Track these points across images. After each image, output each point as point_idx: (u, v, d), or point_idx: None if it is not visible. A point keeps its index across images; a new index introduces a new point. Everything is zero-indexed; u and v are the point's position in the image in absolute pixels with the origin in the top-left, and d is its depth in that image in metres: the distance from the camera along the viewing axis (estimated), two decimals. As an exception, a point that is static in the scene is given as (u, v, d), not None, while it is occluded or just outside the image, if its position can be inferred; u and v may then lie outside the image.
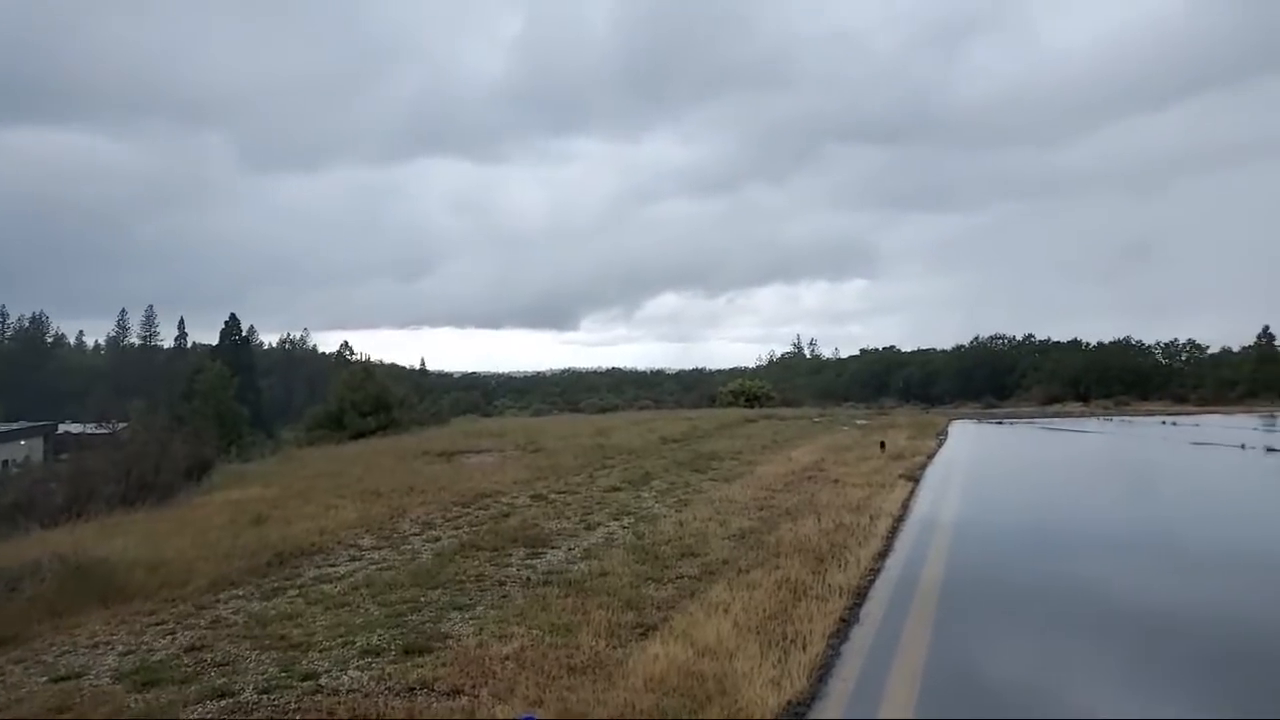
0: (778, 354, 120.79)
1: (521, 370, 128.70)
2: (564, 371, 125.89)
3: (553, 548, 7.84)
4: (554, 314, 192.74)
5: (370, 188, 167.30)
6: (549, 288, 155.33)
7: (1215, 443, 20.77)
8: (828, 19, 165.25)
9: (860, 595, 6.09)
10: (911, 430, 24.21)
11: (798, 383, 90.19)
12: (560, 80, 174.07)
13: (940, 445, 19.97)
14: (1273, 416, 36.21)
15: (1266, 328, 65.58)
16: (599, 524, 9.03)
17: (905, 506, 10.18)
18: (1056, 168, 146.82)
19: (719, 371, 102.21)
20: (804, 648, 4.81)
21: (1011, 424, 31.98)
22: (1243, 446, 19.61)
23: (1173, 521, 10.40)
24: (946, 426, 27.45)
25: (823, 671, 4.56)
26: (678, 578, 6.56)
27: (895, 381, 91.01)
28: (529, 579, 6.61)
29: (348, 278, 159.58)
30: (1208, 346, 76.38)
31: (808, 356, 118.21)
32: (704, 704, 4.02)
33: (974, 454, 19.12)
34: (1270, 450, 19.17)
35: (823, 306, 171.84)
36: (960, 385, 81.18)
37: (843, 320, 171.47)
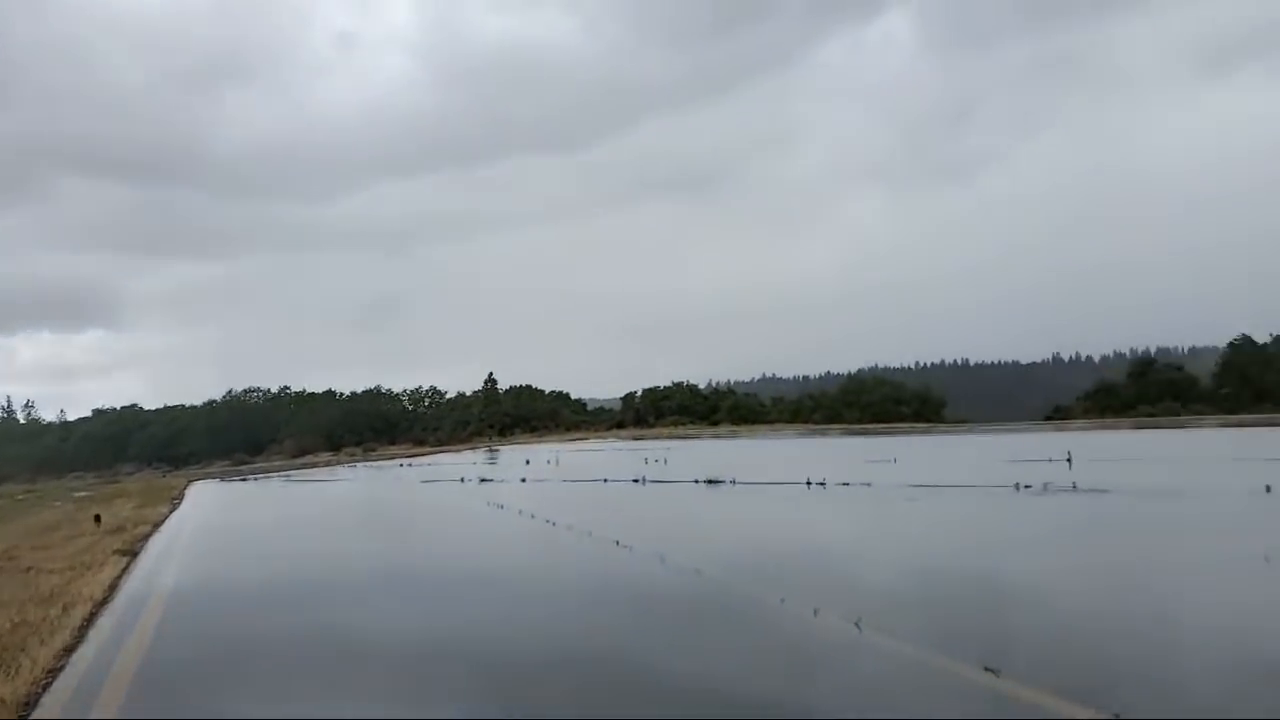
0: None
1: None
2: None
3: None
4: None
5: None
6: None
7: (440, 479, 25.61)
8: (50, 29, 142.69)
9: (29, 704, 5.32)
10: (142, 498, 22.23)
11: (6, 454, 75.36)
12: None
13: (173, 510, 18.80)
14: (493, 450, 44.18)
15: (491, 374, 78.99)
16: None
17: (114, 586, 9.23)
18: (319, 223, 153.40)
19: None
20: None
21: (256, 479, 31.83)
22: (462, 480, 24.26)
23: (395, 554, 11.86)
24: (185, 489, 25.97)
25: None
26: None
27: (136, 444, 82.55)
28: None
29: None
30: (446, 392, 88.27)
31: (22, 421, 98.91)
32: None
33: (207, 516, 18.41)
34: (484, 481, 23.92)
35: (45, 361, 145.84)
36: (212, 443, 77.80)
37: (73, 377, 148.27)
